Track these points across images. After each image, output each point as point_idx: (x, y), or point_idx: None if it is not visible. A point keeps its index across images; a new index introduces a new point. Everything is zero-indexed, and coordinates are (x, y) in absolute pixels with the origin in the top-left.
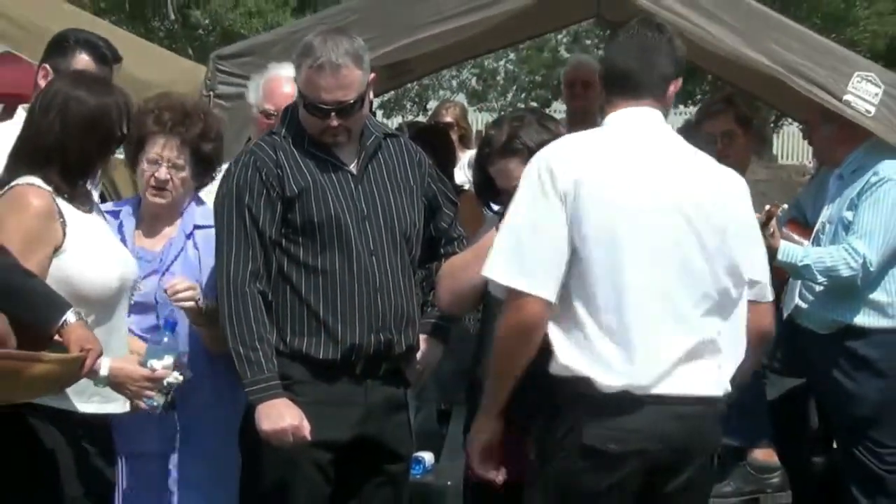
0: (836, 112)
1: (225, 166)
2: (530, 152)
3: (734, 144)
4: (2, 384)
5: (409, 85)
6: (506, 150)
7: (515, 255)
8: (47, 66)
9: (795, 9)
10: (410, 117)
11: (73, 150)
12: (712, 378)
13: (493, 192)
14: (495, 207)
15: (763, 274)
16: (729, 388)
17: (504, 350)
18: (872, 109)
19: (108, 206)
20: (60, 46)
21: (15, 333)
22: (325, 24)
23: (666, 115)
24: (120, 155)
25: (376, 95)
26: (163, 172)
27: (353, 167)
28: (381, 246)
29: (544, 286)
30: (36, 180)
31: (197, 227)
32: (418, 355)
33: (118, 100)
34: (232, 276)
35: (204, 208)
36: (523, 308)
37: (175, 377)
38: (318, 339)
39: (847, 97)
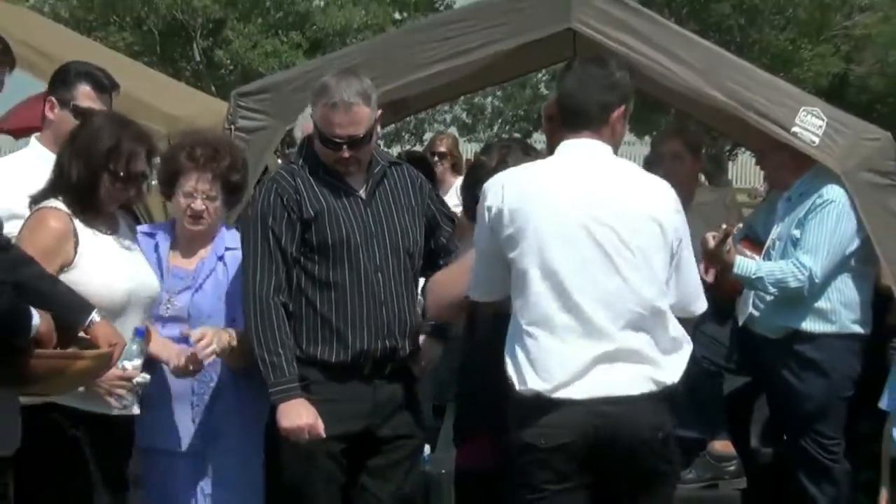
0: (785, 142)
1: None
2: None
3: (681, 167)
4: (49, 380)
5: (407, 118)
6: (495, 173)
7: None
8: (53, 98)
9: (748, 50)
10: (409, 147)
11: (74, 177)
12: (630, 380)
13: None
14: None
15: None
16: (666, 382)
17: None
18: (817, 140)
19: (145, 227)
20: (63, 78)
21: None
22: (334, 65)
23: (613, 142)
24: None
25: (383, 126)
26: (199, 204)
27: (362, 192)
28: (387, 262)
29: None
30: (58, 204)
31: (227, 248)
32: (421, 354)
33: (121, 138)
34: (257, 289)
35: (233, 232)
36: None
37: (143, 377)
38: (331, 345)
39: (795, 129)
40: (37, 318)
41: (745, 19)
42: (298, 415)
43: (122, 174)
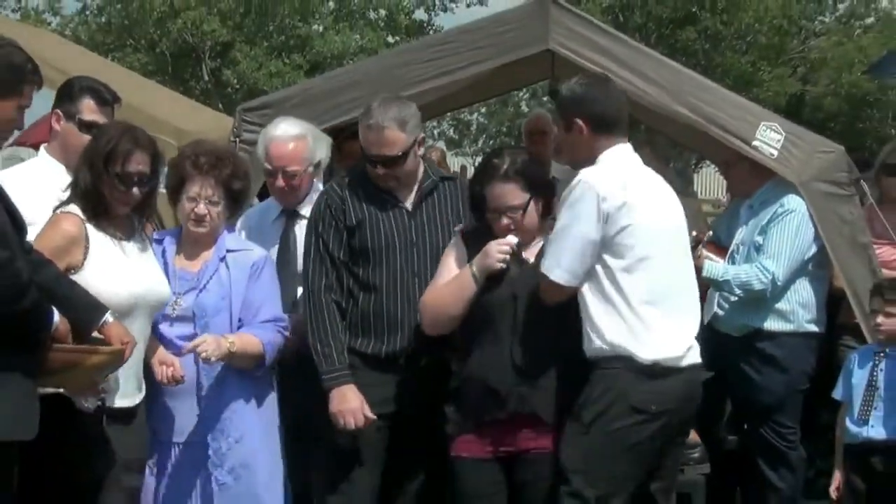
0: (747, 155)
1: None
2: (525, 180)
3: None
4: (65, 373)
5: None
6: (507, 177)
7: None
8: (59, 111)
9: (712, 72)
10: None
11: (83, 183)
12: (697, 349)
13: (483, 211)
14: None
15: None
16: None
17: None
18: (776, 153)
19: (155, 234)
20: (69, 93)
21: None
22: (330, 83)
23: None
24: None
25: None
26: (201, 208)
27: (408, 204)
28: (425, 268)
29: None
30: (74, 209)
31: (229, 251)
32: None
33: (119, 140)
34: (311, 287)
35: (234, 235)
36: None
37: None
38: (369, 338)
39: (755, 142)
40: (56, 315)
41: (710, 44)
42: (347, 399)
43: (119, 174)
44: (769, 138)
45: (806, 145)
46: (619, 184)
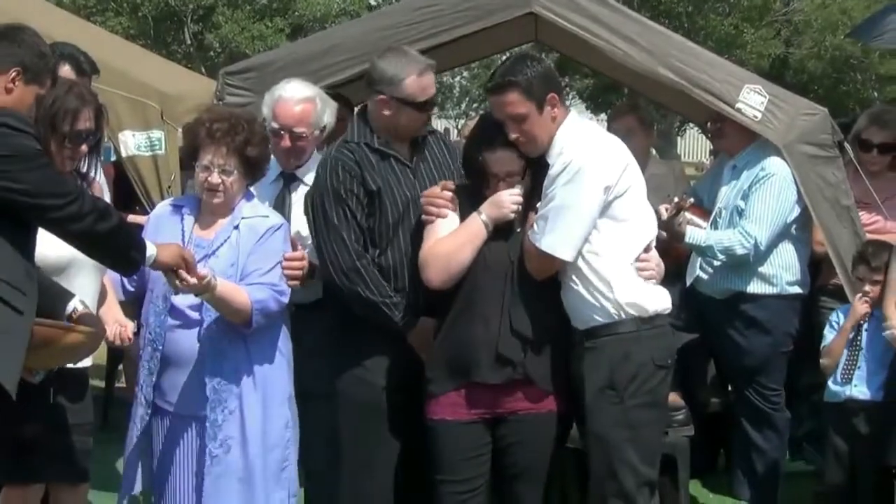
0: (730, 117)
1: None
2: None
3: (634, 141)
4: (40, 350)
5: None
6: (509, 143)
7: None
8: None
9: (695, 35)
10: None
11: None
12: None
13: (479, 173)
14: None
15: None
16: None
17: None
18: (759, 115)
19: (174, 200)
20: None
21: None
22: (313, 46)
23: None
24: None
25: (357, 104)
26: (215, 177)
27: (408, 160)
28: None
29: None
30: None
31: (244, 217)
32: None
33: (58, 99)
34: (345, 258)
35: (252, 203)
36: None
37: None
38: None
39: (738, 105)
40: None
41: (693, 6)
42: (426, 331)
43: (68, 132)
44: (752, 101)
45: (789, 108)
46: (609, 151)
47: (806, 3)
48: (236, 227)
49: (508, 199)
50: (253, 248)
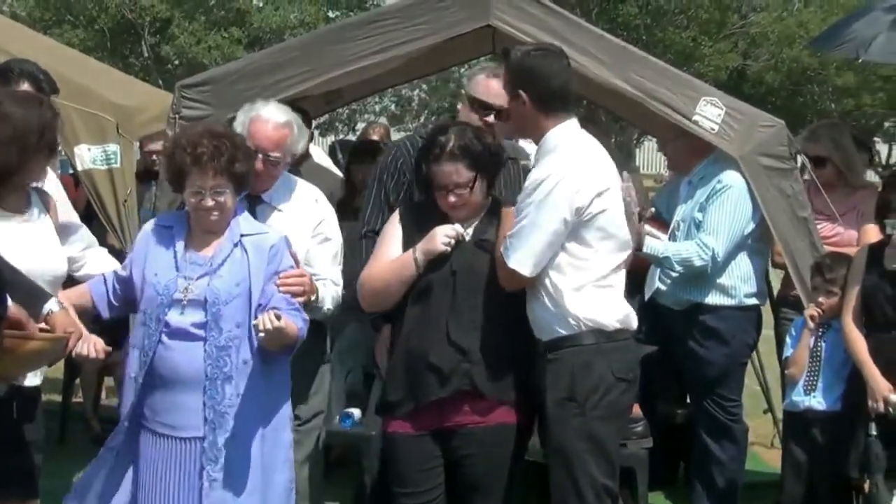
0: (687, 129)
1: None
2: (470, 158)
3: None
4: (2, 360)
5: (339, 109)
6: (453, 155)
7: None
8: None
9: (653, 47)
10: (342, 136)
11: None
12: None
13: (428, 186)
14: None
15: None
16: None
17: None
18: (716, 127)
19: (162, 219)
20: (5, 75)
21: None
22: (271, 59)
23: None
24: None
25: (314, 117)
26: (208, 201)
27: None
28: None
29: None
30: None
31: (244, 235)
32: None
33: (41, 113)
34: (370, 224)
35: (246, 217)
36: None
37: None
38: None
39: (695, 117)
40: (9, 299)
41: (651, 19)
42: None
43: (51, 145)
44: (709, 113)
45: (746, 120)
46: (589, 172)
47: (763, 15)
48: (236, 245)
49: (441, 234)
50: (266, 269)
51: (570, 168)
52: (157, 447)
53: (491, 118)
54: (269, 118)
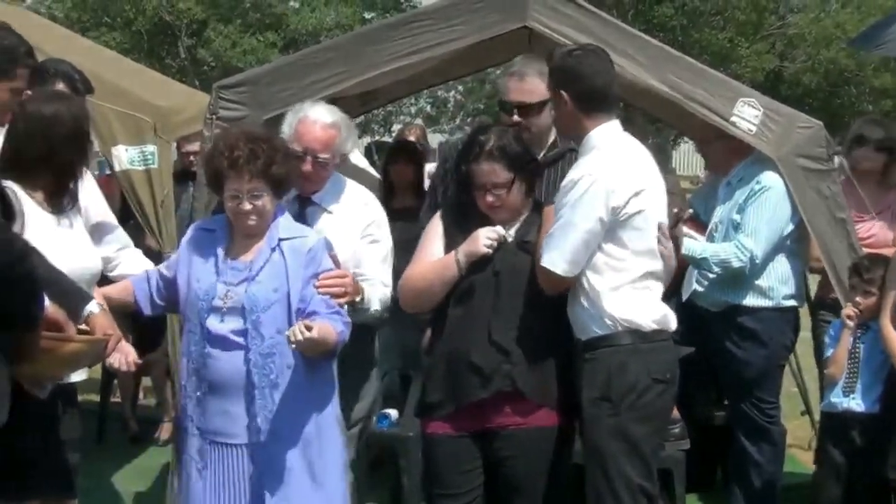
0: (725, 130)
1: None
2: (509, 159)
3: None
4: (40, 361)
5: (375, 110)
6: (492, 155)
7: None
8: (30, 92)
9: (690, 49)
10: (377, 137)
11: (61, 160)
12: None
13: (468, 187)
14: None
15: None
16: None
17: None
18: (754, 128)
19: (205, 223)
20: (41, 75)
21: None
22: (307, 61)
23: None
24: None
25: (353, 118)
26: (245, 205)
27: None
28: None
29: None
30: (10, 184)
31: (282, 239)
32: None
33: (84, 109)
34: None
35: (286, 220)
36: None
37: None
38: None
39: (733, 118)
40: (46, 300)
41: (687, 20)
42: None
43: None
44: (747, 114)
45: (784, 121)
46: (626, 173)
47: (800, 16)
48: (274, 249)
49: (484, 236)
50: (303, 273)
51: (606, 168)
52: (207, 454)
53: (516, 116)
54: (316, 119)
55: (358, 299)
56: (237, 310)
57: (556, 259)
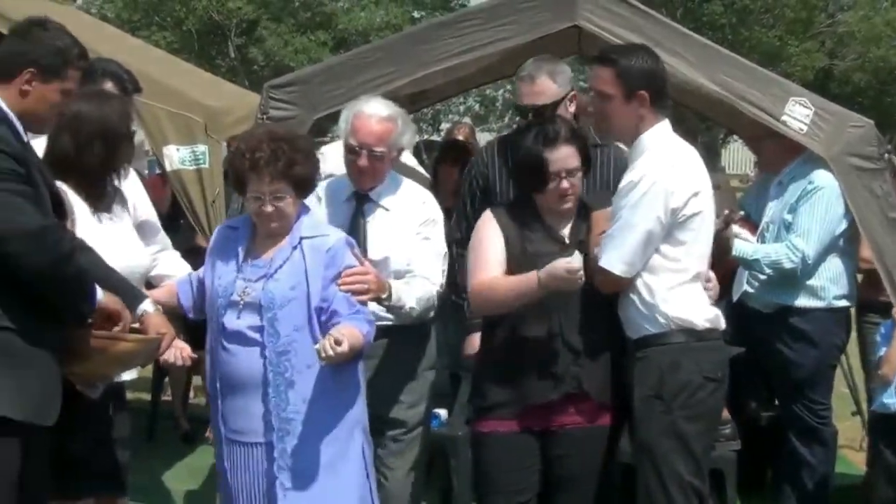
0: (775, 130)
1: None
2: (578, 146)
3: None
4: (92, 359)
5: (424, 109)
6: (567, 140)
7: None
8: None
9: (739, 47)
10: (426, 136)
11: (88, 159)
12: None
13: (539, 175)
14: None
15: None
16: None
17: None
18: (805, 128)
19: (230, 221)
20: (90, 75)
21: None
22: (357, 60)
23: None
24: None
25: None
26: (267, 206)
27: None
28: None
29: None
30: (60, 184)
31: (304, 238)
32: None
33: (119, 108)
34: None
35: (310, 219)
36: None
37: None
38: None
39: (784, 117)
40: (100, 292)
41: (737, 18)
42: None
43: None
44: (798, 113)
45: (835, 120)
46: (684, 174)
47: (850, 15)
48: (295, 247)
49: (568, 273)
50: (323, 271)
51: (665, 169)
52: (231, 452)
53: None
54: (371, 113)
55: (384, 296)
56: (254, 306)
57: (614, 260)
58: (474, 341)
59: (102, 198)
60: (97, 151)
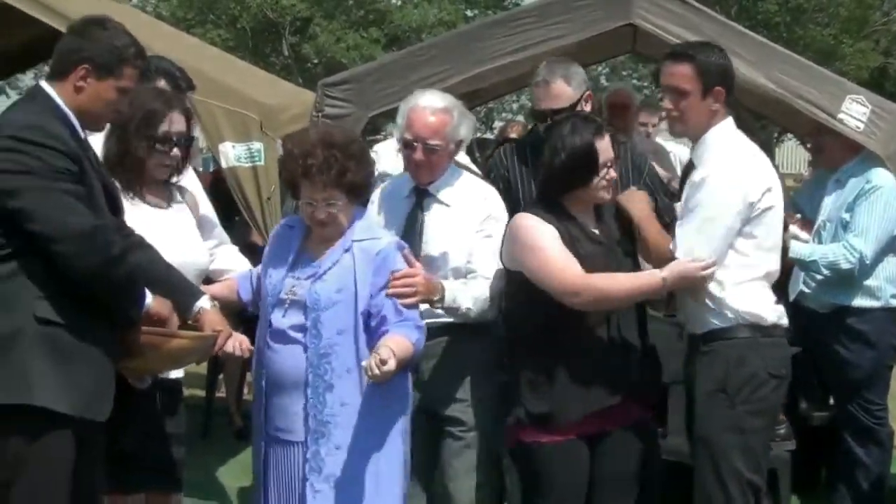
0: (832, 128)
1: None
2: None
3: None
4: (146, 356)
5: (477, 107)
6: (607, 131)
7: None
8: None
9: (794, 46)
10: (479, 134)
11: (134, 154)
12: None
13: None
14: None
15: None
16: None
17: None
18: (861, 126)
19: (284, 221)
20: (144, 73)
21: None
22: (411, 58)
23: None
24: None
25: None
26: (320, 212)
27: None
28: None
29: None
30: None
31: (355, 241)
32: None
33: (155, 105)
34: None
35: (364, 222)
36: None
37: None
38: None
39: (840, 115)
40: (149, 296)
41: (791, 17)
42: None
43: (157, 136)
44: (855, 111)
45: (892, 118)
46: (757, 169)
47: None
48: (347, 250)
49: (701, 274)
50: (371, 275)
51: (740, 164)
52: (271, 451)
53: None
54: (426, 105)
55: (436, 298)
56: (300, 305)
57: (704, 251)
58: None
59: (163, 194)
60: (141, 147)
